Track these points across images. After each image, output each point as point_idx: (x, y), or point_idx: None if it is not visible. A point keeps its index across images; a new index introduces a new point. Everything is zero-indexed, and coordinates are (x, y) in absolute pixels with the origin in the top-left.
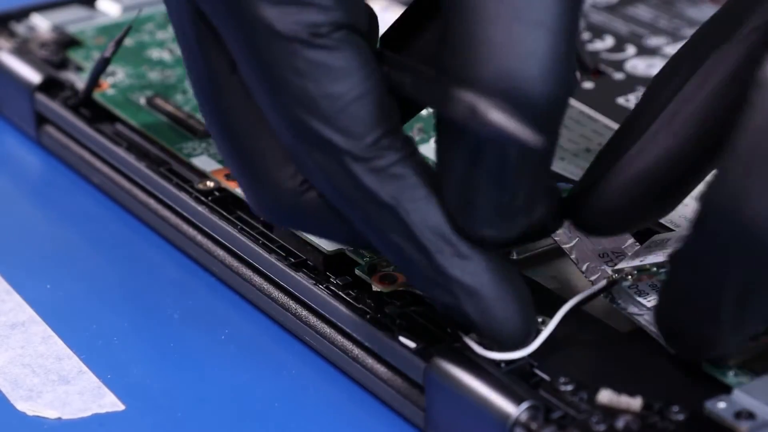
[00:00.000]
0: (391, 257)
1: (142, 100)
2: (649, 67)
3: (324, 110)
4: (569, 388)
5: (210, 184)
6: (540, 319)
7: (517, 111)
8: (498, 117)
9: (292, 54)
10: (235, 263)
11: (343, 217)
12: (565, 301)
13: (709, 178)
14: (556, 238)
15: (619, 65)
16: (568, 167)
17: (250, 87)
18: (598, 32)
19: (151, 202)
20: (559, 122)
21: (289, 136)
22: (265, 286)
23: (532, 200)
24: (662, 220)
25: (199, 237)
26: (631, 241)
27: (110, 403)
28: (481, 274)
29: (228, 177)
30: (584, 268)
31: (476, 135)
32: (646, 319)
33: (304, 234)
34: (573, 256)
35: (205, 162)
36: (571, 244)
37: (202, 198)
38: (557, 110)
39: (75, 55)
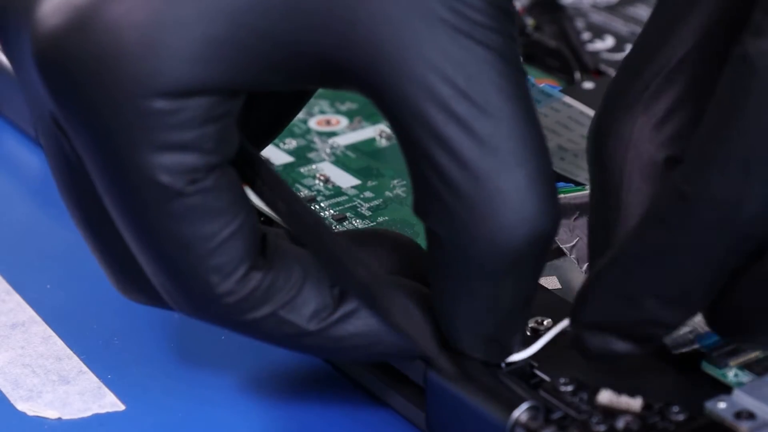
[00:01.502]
0: (284, 348)
1: None
2: None
3: (198, 251)
4: (569, 388)
5: None
6: (540, 320)
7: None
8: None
9: (168, 199)
10: None
11: None
12: (565, 301)
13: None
14: (556, 239)
15: (618, 65)
16: (568, 167)
17: (118, 225)
18: (598, 32)
19: None
20: (539, 262)
21: (159, 275)
22: None
23: (510, 334)
24: None
25: None
26: None
27: (110, 403)
28: (372, 323)
29: None
30: (584, 268)
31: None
32: None
33: None
34: (573, 256)
35: None
36: (572, 244)
37: None
38: (534, 251)
39: None
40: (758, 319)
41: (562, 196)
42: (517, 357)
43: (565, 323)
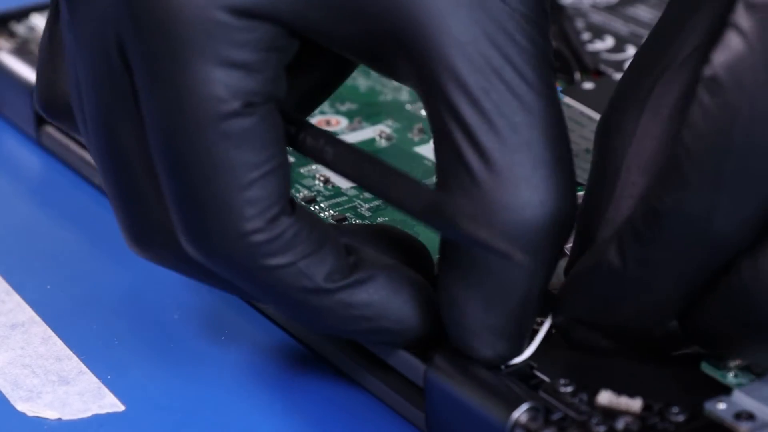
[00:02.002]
0: (287, 311)
1: None
2: None
3: (239, 178)
4: (569, 389)
5: None
6: (540, 320)
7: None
8: (467, 224)
9: (222, 118)
10: None
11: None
12: None
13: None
14: None
15: (619, 65)
16: None
17: (157, 152)
18: (598, 32)
19: None
20: (554, 250)
21: (188, 206)
22: None
23: (520, 329)
24: None
25: None
26: None
27: (110, 403)
28: (375, 292)
29: None
30: None
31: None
32: None
33: None
34: None
35: None
36: (571, 245)
37: None
38: (551, 234)
39: None
40: (728, 330)
41: None
42: (514, 359)
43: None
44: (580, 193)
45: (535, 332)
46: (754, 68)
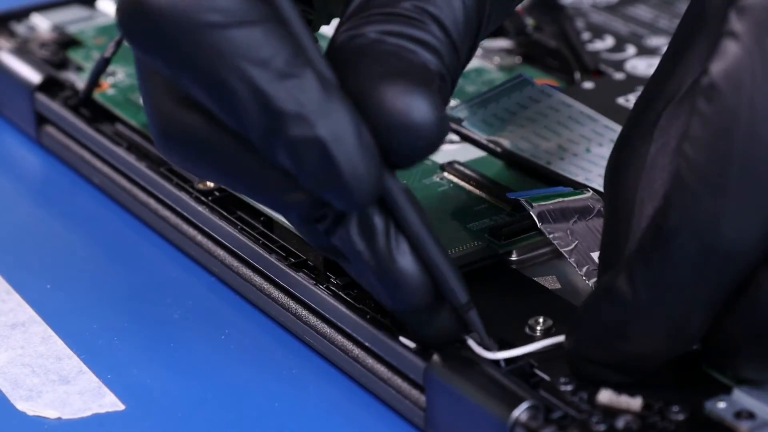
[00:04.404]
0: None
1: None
2: (649, 67)
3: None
4: (569, 387)
5: (210, 184)
6: (540, 320)
7: None
8: None
9: None
10: (235, 263)
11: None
12: (564, 300)
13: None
14: (555, 241)
15: (619, 65)
16: (568, 167)
17: None
18: (598, 32)
19: (151, 202)
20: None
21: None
22: (265, 286)
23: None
24: None
25: (199, 237)
26: None
27: (110, 403)
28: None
29: None
30: (583, 271)
31: None
32: None
33: None
34: (572, 260)
35: None
36: (571, 248)
37: (202, 198)
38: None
39: (75, 55)
40: (752, 348)
41: (561, 200)
42: (507, 354)
43: (559, 338)
44: (582, 197)
45: (535, 331)
46: (752, 69)
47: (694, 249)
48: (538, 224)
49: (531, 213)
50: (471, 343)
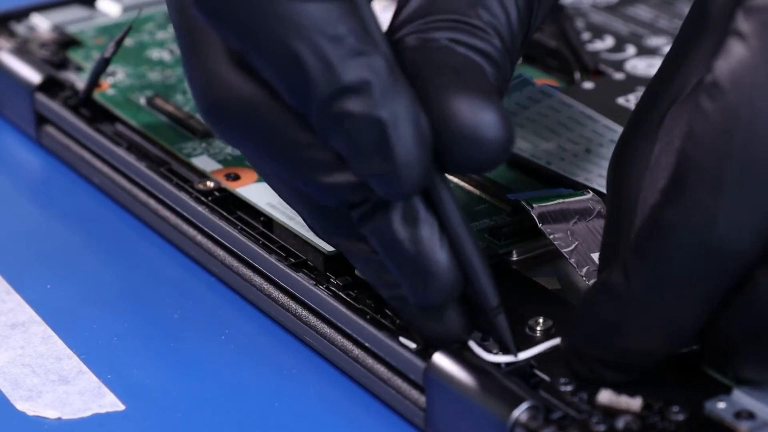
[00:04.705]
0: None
1: (142, 100)
2: (649, 67)
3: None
4: (569, 388)
5: (210, 184)
6: (540, 320)
7: None
8: None
9: None
10: (235, 263)
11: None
12: (564, 300)
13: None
14: (555, 242)
15: (619, 65)
16: (568, 167)
17: None
18: (598, 32)
19: (151, 202)
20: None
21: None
22: (265, 286)
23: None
24: None
25: (199, 237)
26: None
27: (110, 403)
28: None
29: (228, 177)
30: (583, 272)
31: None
32: None
33: (304, 234)
34: (572, 261)
35: (205, 162)
36: (571, 249)
37: (202, 198)
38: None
39: (75, 55)
40: (747, 348)
41: (562, 201)
42: (506, 359)
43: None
44: (583, 198)
45: (534, 332)
46: (756, 69)
47: (690, 245)
48: (539, 225)
49: (532, 214)
50: (472, 344)
